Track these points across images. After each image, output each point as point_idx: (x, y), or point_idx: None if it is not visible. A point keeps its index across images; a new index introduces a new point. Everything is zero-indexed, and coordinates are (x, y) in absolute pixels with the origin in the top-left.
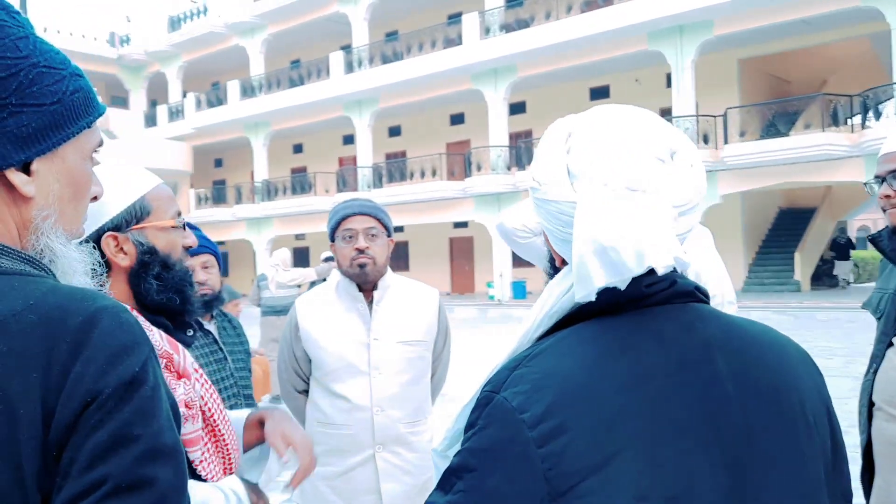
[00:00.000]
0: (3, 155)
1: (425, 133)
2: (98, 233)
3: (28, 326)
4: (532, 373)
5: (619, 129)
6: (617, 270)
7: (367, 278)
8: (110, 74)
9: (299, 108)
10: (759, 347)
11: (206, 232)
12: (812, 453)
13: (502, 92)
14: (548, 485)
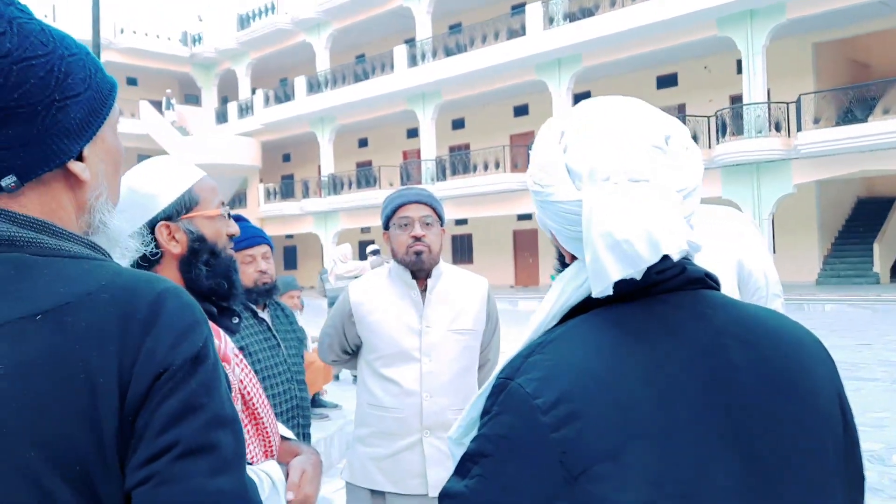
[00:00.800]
0: (64, 150)
1: (489, 125)
2: (151, 222)
3: (102, 305)
4: (546, 360)
5: (611, 122)
6: (632, 262)
7: (423, 266)
8: (183, 73)
9: (364, 103)
10: (773, 336)
11: (275, 226)
12: (826, 442)
13: (566, 82)
14: (562, 468)
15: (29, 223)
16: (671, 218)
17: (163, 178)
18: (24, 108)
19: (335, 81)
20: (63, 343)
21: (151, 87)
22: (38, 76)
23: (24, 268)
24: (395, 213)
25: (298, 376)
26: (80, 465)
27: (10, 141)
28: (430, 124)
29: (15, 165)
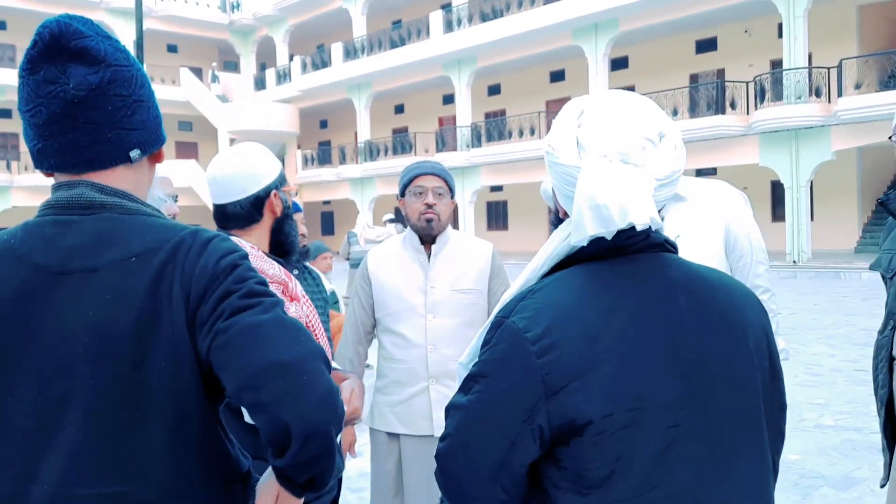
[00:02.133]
0: (163, 134)
1: (525, 91)
2: (265, 190)
3: (172, 248)
4: (535, 303)
5: (620, 111)
6: (605, 223)
7: (432, 231)
8: (222, 40)
9: (399, 69)
10: (713, 288)
11: (312, 192)
12: (752, 371)
13: (603, 48)
14: (544, 386)
15: (114, 192)
16: (643, 197)
17: (269, 160)
18: (144, 101)
19: (371, 48)
20: (151, 274)
21: (191, 54)
22: (148, 81)
23: (118, 223)
24: (412, 183)
25: (325, 334)
26: (167, 345)
27: (138, 125)
28: (465, 90)
29: (139, 142)
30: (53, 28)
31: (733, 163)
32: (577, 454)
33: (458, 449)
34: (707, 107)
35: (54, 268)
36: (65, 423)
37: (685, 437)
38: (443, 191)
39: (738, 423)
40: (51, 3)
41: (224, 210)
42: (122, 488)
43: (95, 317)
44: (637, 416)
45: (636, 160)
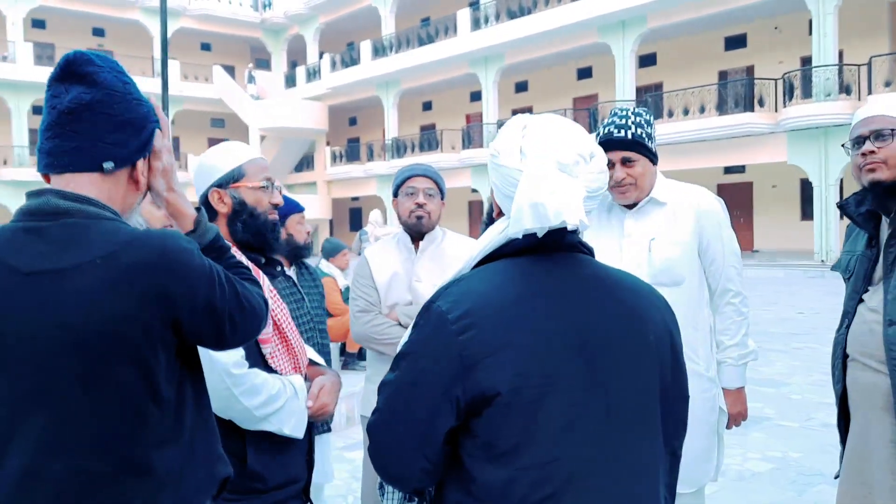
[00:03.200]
0: (137, 155)
1: (552, 88)
2: (209, 188)
3: (134, 250)
4: (459, 289)
5: (559, 130)
6: (541, 220)
7: (422, 229)
8: (254, 38)
9: (427, 66)
10: (619, 287)
11: (341, 188)
12: (650, 362)
13: (630, 44)
14: (461, 360)
15: (76, 198)
16: (576, 202)
17: (221, 156)
18: (131, 124)
19: (400, 45)
20: (115, 275)
21: (224, 52)
22: (146, 111)
23: (81, 228)
24: (405, 183)
25: (320, 325)
26: (135, 340)
27: (117, 141)
28: (492, 88)
29: (115, 156)
30: (70, 57)
31: (761, 161)
32: (488, 425)
33: (386, 421)
34: (735, 104)
35: (24, 269)
36: (34, 410)
37: (586, 416)
38: (433, 192)
39: (634, 408)
40: (88, 3)
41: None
42: (85, 464)
43: (61, 315)
44: (542, 393)
45: (570, 171)
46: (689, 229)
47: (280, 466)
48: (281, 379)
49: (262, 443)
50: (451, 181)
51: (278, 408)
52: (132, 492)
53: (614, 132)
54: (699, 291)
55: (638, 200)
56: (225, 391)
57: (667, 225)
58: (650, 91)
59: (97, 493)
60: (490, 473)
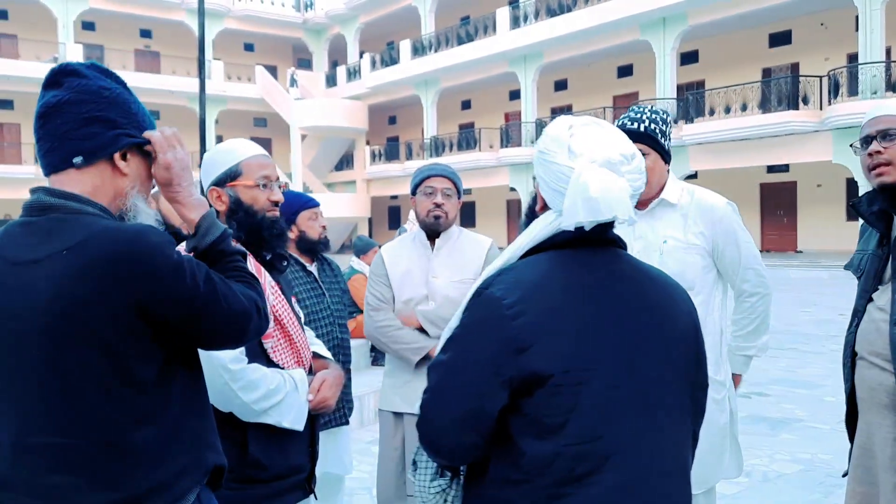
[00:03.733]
0: (111, 147)
1: (591, 86)
2: (209, 186)
3: (100, 242)
4: (510, 277)
5: (603, 132)
6: (594, 214)
7: (440, 228)
8: (296, 38)
9: (466, 65)
10: (652, 281)
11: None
12: (679, 350)
13: (672, 41)
14: (515, 343)
15: (62, 195)
16: (625, 197)
17: (221, 155)
18: (101, 120)
19: (439, 44)
20: (81, 264)
21: (266, 52)
22: (122, 106)
23: (61, 222)
24: (423, 183)
25: (340, 320)
26: (101, 325)
27: (86, 136)
28: (531, 86)
29: (84, 151)
30: (56, 67)
31: (805, 160)
32: (538, 404)
33: (440, 399)
34: (778, 102)
35: (11, 259)
36: (16, 387)
37: (623, 398)
38: (451, 192)
39: (665, 392)
40: (136, 5)
41: None
42: (63, 440)
43: (33, 300)
44: (587, 376)
45: (617, 170)
46: (700, 233)
47: (281, 455)
48: (281, 373)
49: (263, 432)
50: (489, 180)
51: (277, 402)
52: (109, 467)
53: (627, 124)
54: (710, 295)
55: (647, 197)
56: (223, 386)
57: (678, 227)
58: (691, 89)
59: (79, 467)
60: (538, 448)
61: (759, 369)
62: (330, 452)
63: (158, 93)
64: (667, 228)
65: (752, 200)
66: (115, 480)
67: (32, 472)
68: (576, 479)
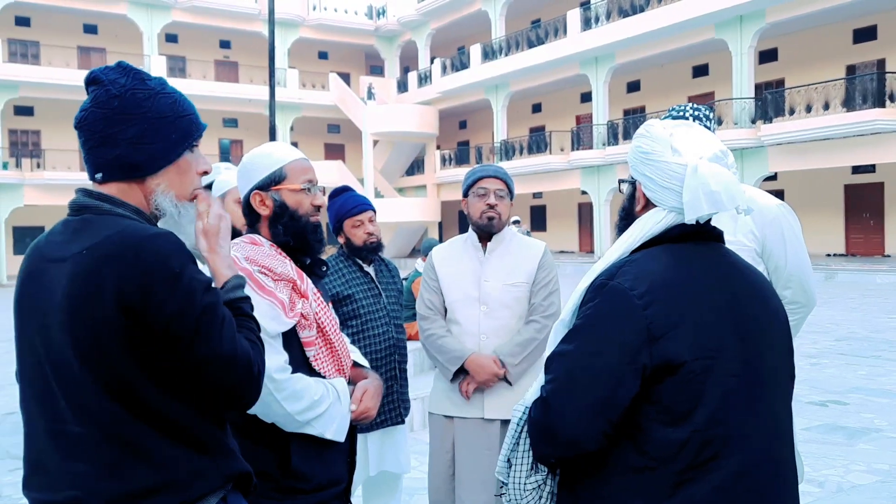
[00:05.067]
0: (129, 169)
1: (665, 87)
2: (250, 190)
3: (114, 243)
4: (634, 268)
5: (696, 130)
6: (717, 205)
7: (493, 230)
8: (369, 45)
9: (537, 68)
10: (754, 275)
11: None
12: (783, 339)
13: (749, 40)
14: (648, 332)
15: (98, 196)
16: (740, 188)
17: (263, 158)
18: (114, 139)
19: (509, 48)
20: (91, 263)
21: (339, 60)
22: (139, 124)
23: (87, 223)
24: (475, 184)
25: (396, 321)
26: (97, 321)
27: (103, 155)
28: (602, 88)
29: (103, 168)
30: (92, 71)
31: (893, 159)
32: (668, 390)
33: (567, 388)
34: (863, 100)
35: (48, 256)
36: (47, 377)
37: (741, 385)
38: (503, 193)
39: (776, 379)
40: (216, 17)
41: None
42: (80, 430)
43: (58, 296)
44: (711, 364)
45: (724, 163)
46: (750, 234)
47: (323, 467)
48: (324, 383)
49: (307, 443)
50: (560, 183)
51: (321, 412)
52: (117, 459)
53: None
54: None
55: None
56: (267, 396)
57: (728, 228)
58: (770, 88)
59: (92, 456)
60: (668, 435)
61: (837, 377)
62: (387, 451)
63: (236, 101)
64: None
65: (836, 202)
66: (122, 473)
67: (60, 457)
68: (700, 464)
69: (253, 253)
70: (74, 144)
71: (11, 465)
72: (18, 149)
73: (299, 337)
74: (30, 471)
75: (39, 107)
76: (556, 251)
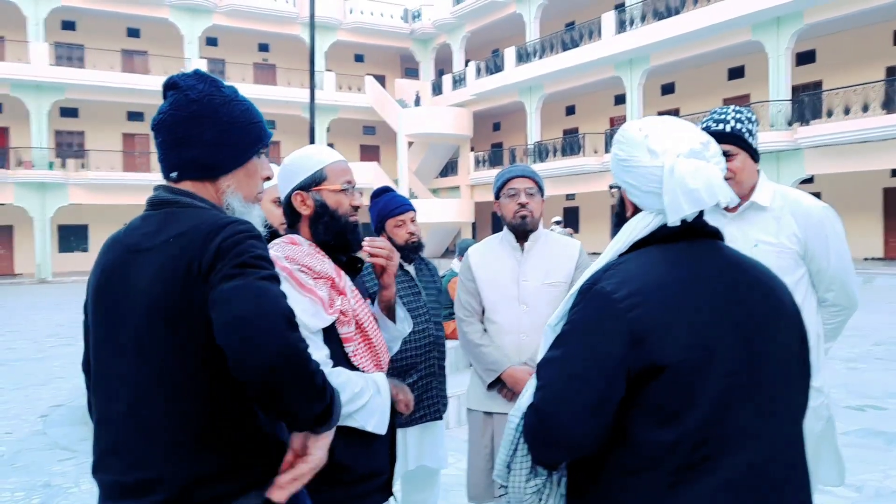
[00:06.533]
0: (206, 169)
1: (700, 89)
2: (292, 191)
3: (199, 231)
4: (619, 272)
5: (673, 125)
6: (698, 203)
7: (527, 228)
8: (404, 48)
9: (571, 71)
10: (756, 270)
11: (484, 192)
12: (790, 337)
13: (786, 41)
14: (631, 335)
15: (178, 192)
16: (721, 180)
17: (304, 160)
18: (188, 143)
19: (543, 51)
20: (181, 251)
21: (375, 62)
22: (212, 129)
23: (172, 215)
24: (506, 185)
25: (436, 318)
26: (182, 307)
27: (177, 156)
28: (637, 90)
29: (179, 167)
30: (171, 77)
31: None
32: (656, 392)
33: (558, 393)
34: None
35: (132, 248)
36: (129, 361)
37: (741, 385)
38: (534, 191)
39: (781, 379)
40: (255, 20)
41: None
42: (160, 411)
43: (145, 282)
44: (703, 365)
45: (703, 156)
46: (793, 236)
47: (365, 458)
48: (364, 377)
49: (348, 435)
50: (594, 184)
51: (362, 405)
52: (193, 443)
53: (712, 126)
54: (805, 299)
55: (739, 198)
56: None
57: (770, 231)
58: (808, 90)
59: (170, 440)
60: (658, 435)
61: (875, 382)
62: (426, 446)
63: (275, 103)
64: (758, 232)
65: (875, 206)
66: (199, 455)
67: (138, 441)
68: (695, 464)
69: (293, 252)
70: (117, 145)
71: (62, 456)
72: (63, 149)
73: (338, 333)
74: (102, 455)
75: (84, 108)
76: (590, 252)
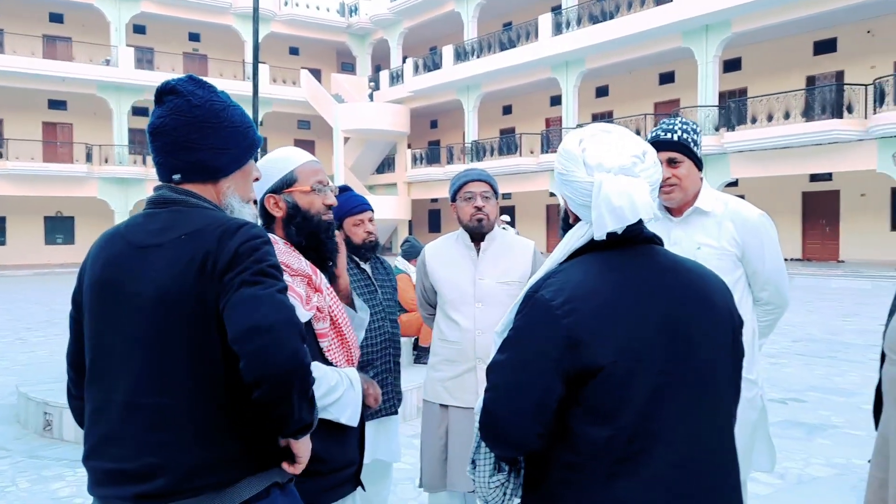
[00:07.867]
0: (206, 172)
1: (633, 93)
2: (265, 194)
3: (212, 230)
4: (558, 280)
5: (611, 138)
6: (621, 220)
7: (483, 230)
8: (340, 42)
9: (508, 71)
10: (690, 272)
11: (420, 190)
12: (721, 338)
13: (713, 49)
14: (567, 340)
15: (183, 192)
16: (644, 197)
17: (275, 163)
18: (190, 146)
19: (481, 50)
20: (193, 248)
21: (311, 56)
22: (212, 133)
23: (180, 214)
24: (462, 189)
25: (391, 316)
26: (197, 300)
27: (180, 158)
28: (572, 92)
29: (181, 170)
30: (161, 85)
31: (849, 168)
32: (592, 393)
33: (504, 395)
34: (822, 110)
35: (137, 244)
36: (134, 353)
37: (671, 383)
38: (489, 194)
39: (710, 377)
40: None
41: None
42: (165, 401)
43: (156, 278)
44: (636, 365)
45: (632, 172)
46: (732, 240)
47: (339, 450)
48: (338, 371)
49: (322, 428)
50: (530, 184)
51: (336, 399)
52: (199, 430)
53: (661, 135)
54: (742, 299)
55: (682, 204)
56: None
57: (712, 234)
58: (734, 96)
59: (177, 426)
60: (594, 433)
61: (796, 376)
62: (381, 441)
63: None
64: (701, 235)
65: (794, 209)
66: (203, 442)
67: (139, 428)
68: (629, 458)
69: None
70: (37, 134)
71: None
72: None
73: (314, 329)
74: (98, 443)
75: (2, 95)
76: None
